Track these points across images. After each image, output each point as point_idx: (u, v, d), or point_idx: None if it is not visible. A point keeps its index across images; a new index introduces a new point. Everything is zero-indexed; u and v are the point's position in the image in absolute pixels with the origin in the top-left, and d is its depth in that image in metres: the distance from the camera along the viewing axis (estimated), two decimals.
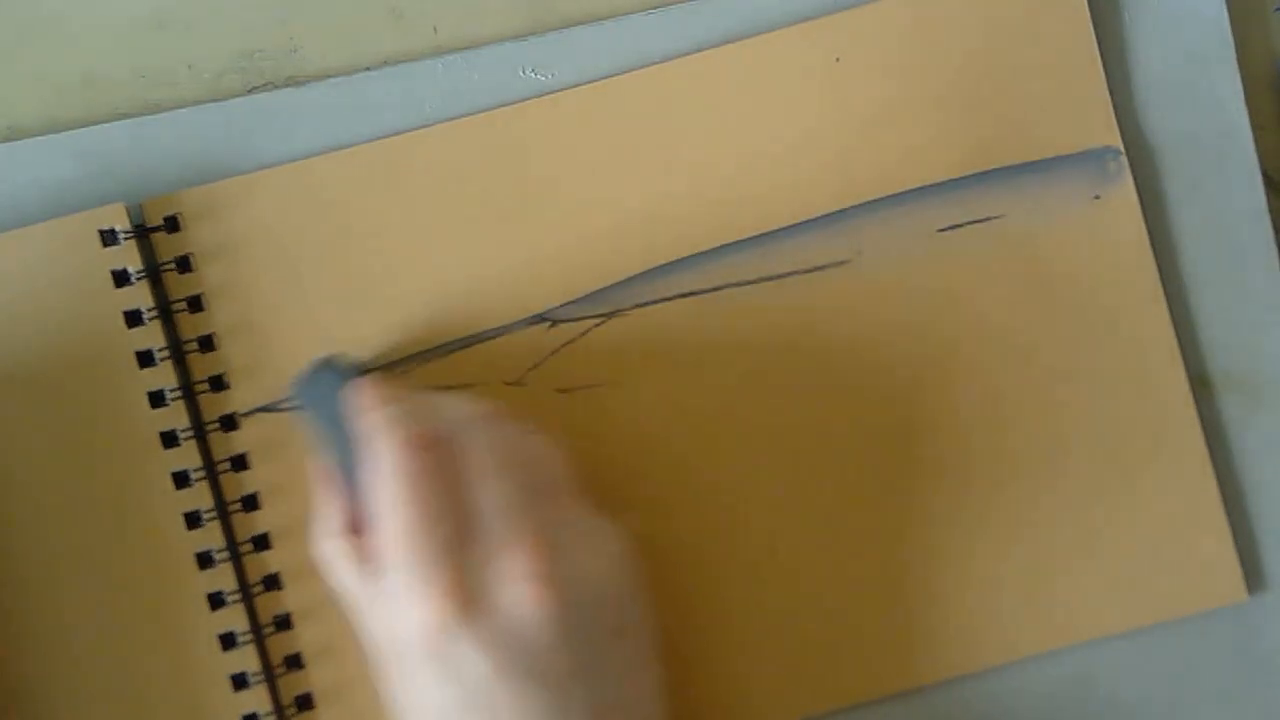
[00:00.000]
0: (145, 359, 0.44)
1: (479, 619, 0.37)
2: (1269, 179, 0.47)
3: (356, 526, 0.41)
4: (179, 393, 0.44)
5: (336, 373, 0.43)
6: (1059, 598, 0.46)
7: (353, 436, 0.41)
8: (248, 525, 0.44)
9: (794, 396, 0.46)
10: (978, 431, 0.46)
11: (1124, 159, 0.46)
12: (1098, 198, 0.46)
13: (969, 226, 0.46)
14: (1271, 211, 0.47)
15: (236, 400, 0.44)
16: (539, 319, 0.45)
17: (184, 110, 0.45)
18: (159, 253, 0.44)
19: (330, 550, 0.41)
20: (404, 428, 0.39)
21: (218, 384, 0.44)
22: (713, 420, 0.45)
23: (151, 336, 0.44)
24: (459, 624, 0.37)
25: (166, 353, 0.44)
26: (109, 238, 0.43)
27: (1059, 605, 0.46)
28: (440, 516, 0.38)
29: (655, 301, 0.45)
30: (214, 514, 0.44)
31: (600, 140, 0.45)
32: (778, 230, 0.46)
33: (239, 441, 0.44)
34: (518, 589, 0.38)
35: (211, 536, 0.44)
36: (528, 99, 0.45)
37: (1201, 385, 0.47)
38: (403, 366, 0.45)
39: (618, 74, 0.45)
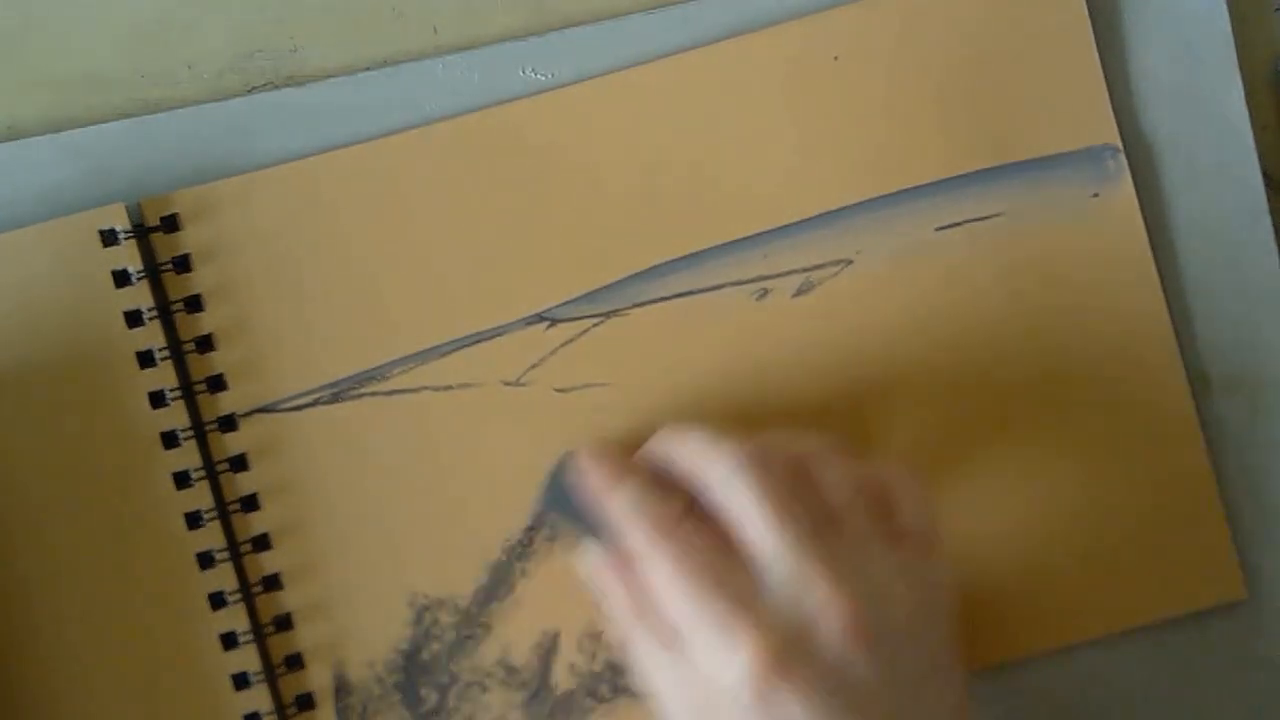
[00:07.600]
0: (145, 359, 0.44)
1: (794, 665, 0.36)
2: (1269, 179, 0.47)
3: (642, 608, 0.40)
4: (179, 393, 0.44)
5: (568, 470, 0.43)
6: (1059, 596, 0.46)
7: (606, 525, 0.41)
8: (248, 525, 0.44)
9: (793, 395, 0.46)
10: (976, 429, 0.46)
11: (1122, 157, 0.46)
12: (1096, 196, 0.46)
13: (967, 225, 0.46)
14: (1271, 211, 0.47)
15: (236, 400, 0.44)
16: (537, 318, 0.45)
17: (184, 110, 0.45)
18: (158, 253, 0.44)
19: (634, 634, 0.40)
20: (645, 514, 0.39)
21: (217, 384, 0.44)
22: (711, 420, 0.45)
23: (152, 336, 0.44)
24: (773, 672, 0.36)
25: (167, 353, 0.44)
26: (109, 238, 0.43)
27: (1059, 604, 0.46)
28: (719, 576, 0.38)
29: (654, 301, 0.45)
30: (214, 514, 0.44)
31: (598, 138, 0.45)
32: (776, 229, 0.46)
33: (239, 441, 0.44)
34: (830, 628, 0.37)
35: (212, 537, 0.44)
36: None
37: (1201, 384, 0.47)
38: (402, 367, 0.45)
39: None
